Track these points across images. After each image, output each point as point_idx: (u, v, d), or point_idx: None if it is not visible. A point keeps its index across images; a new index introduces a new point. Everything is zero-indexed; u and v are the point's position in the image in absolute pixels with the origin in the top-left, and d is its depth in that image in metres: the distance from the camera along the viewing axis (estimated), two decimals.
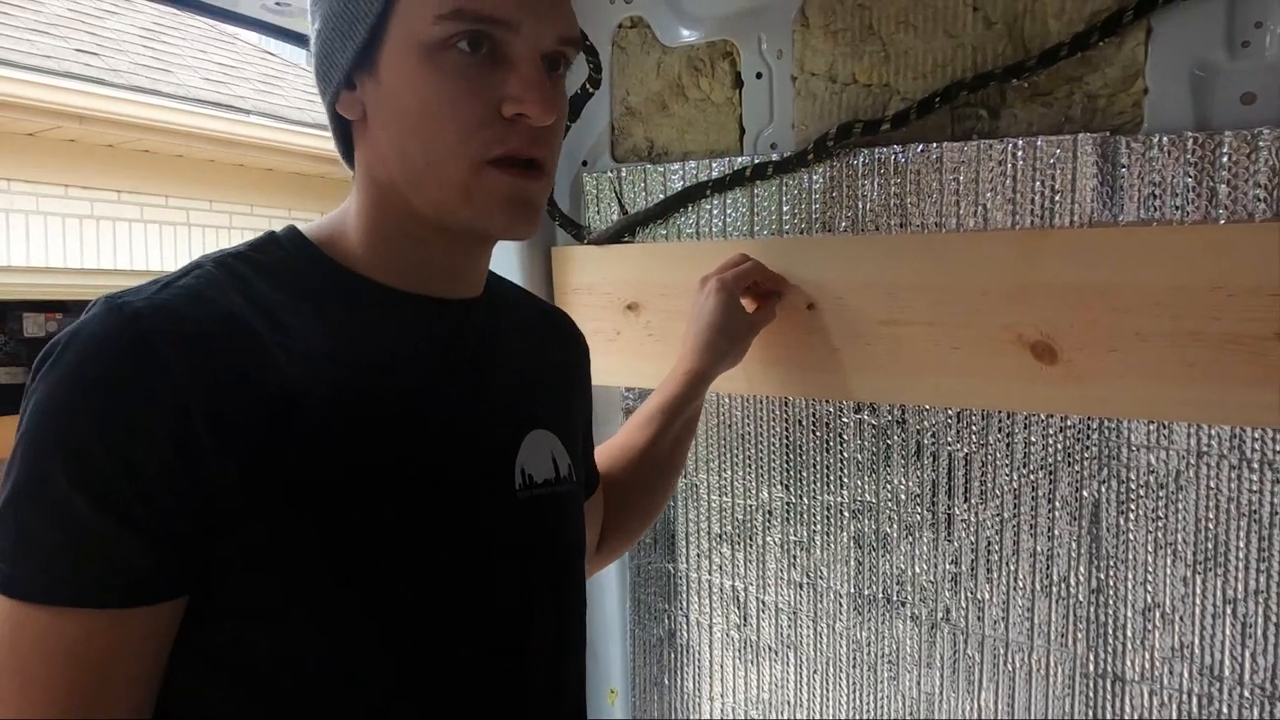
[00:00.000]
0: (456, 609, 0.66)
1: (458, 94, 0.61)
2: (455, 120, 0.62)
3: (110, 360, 0.56)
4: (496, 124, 0.62)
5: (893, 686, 1.18)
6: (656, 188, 1.22)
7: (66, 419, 0.55)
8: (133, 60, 4.96)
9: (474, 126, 0.62)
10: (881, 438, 1.14)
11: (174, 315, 0.57)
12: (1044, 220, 0.97)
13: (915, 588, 1.14)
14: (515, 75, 0.62)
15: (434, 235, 0.68)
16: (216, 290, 0.60)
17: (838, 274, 1.07)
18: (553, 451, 0.75)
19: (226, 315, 0.59)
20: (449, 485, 0.67)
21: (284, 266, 0.66)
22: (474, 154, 0.62)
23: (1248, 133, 0.86)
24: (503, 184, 0.63)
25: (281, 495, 0.58)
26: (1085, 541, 1.03)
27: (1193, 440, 0.96)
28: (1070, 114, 0.96)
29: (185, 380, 0.55)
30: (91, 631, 0.55)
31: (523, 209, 0.65)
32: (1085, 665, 1.05)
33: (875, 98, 1.06)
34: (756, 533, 1.25)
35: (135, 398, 0.55)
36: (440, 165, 0.63)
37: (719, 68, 1.16)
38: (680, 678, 1.35)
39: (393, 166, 0.65)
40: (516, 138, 0.63)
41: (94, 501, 0.54)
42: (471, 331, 0.72)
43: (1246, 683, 0.96)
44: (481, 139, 0.62)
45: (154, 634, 0.57)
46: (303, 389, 0.60)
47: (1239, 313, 0.86)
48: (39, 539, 0.55)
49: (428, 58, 0.61)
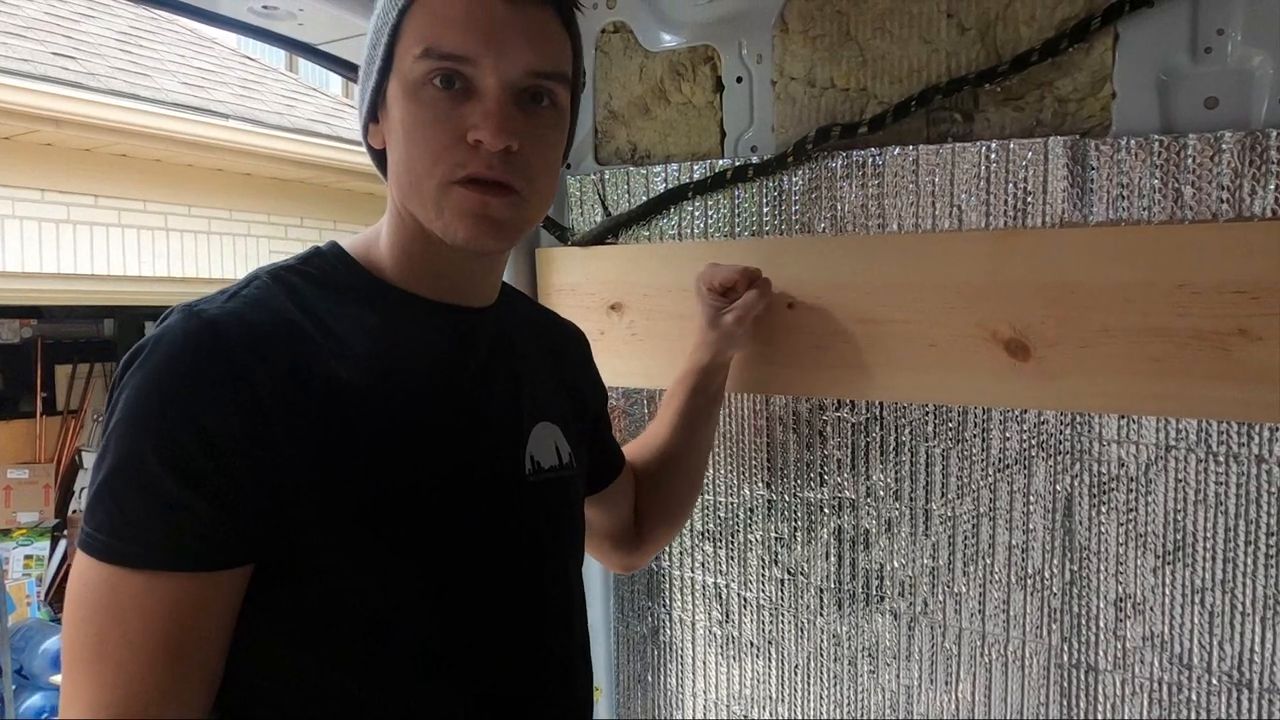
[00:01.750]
0: (486, 582, 0.76)
1: (430, 123, 0.70)
2: (427, 146, 0.71)
3: (191, 357, 0.64)
4: (460, 149, 0.71)
5: (872, 680, 1.20)
6: (639, 190, 1.24)
7: (157, 407, 0.63)
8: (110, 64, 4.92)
9: (440, 151, 0.70)
10: (860, 435, 1.16)
11: (243, 320, 0.67)
12: (1017, 220, 0.99)
13: (894, 582, 1.16)
14: (479, 105, 0.70)
15: (443, 249, 0.76)
16: (274, 299, 0.70)
17: (817, 274, 1.10)
18: (556, 441, 0.85)
19: (285, 320, 0.69)
20: (479, 476, 0.76)
21: (328, 277, 0.75)
22: (442, 175, 0.71)
23: (1211, 136, 0.89)
24: (465, 200, 0.72)
25: (338, 483, 0.67)
26: (1059, 535, 1.05)
27: (1162, 434, 0.99)
28: (1041, 117, 0.98)
29: (256, 373, 0.65)
30: (181, 591, 0.63)
31: (484, 223, 0.72)
32: (1060, 656, 1.07)
33: (853, 102, 1.08)
34: (738, 530, 1.27)
35: (215, 388, 0.64)
36: (419, 185, 0.72)
37: (700, 72, 1.18)
38: (664, 675, 1.36)
39: (398, 186, 0.75)
40: (478, 161, 0.71)
41: (182, 478, 0.62)
42: (486, 335, 0.82)
43: (1214, 670, 0.99)
44: (448, 162, 0.71)
45: (232, 594, 0.66)
46: (352, 383, 0.69)
47: (1203, 309, 0.89)
48: (135, 513, 0.63)
49: (411, 93, 0.71)
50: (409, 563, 0.71)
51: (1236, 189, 0.89)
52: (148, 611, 0.62)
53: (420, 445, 0.72)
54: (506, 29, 0.70)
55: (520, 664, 0.78)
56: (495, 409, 0.80)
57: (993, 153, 1.00)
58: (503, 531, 0.78)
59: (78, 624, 0.63)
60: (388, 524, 0.70)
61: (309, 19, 1.13)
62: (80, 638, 0.63)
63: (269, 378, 0.65)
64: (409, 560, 0.71)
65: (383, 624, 0.70)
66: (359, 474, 0.68)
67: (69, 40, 4.94)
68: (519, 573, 0.79)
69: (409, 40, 0.70)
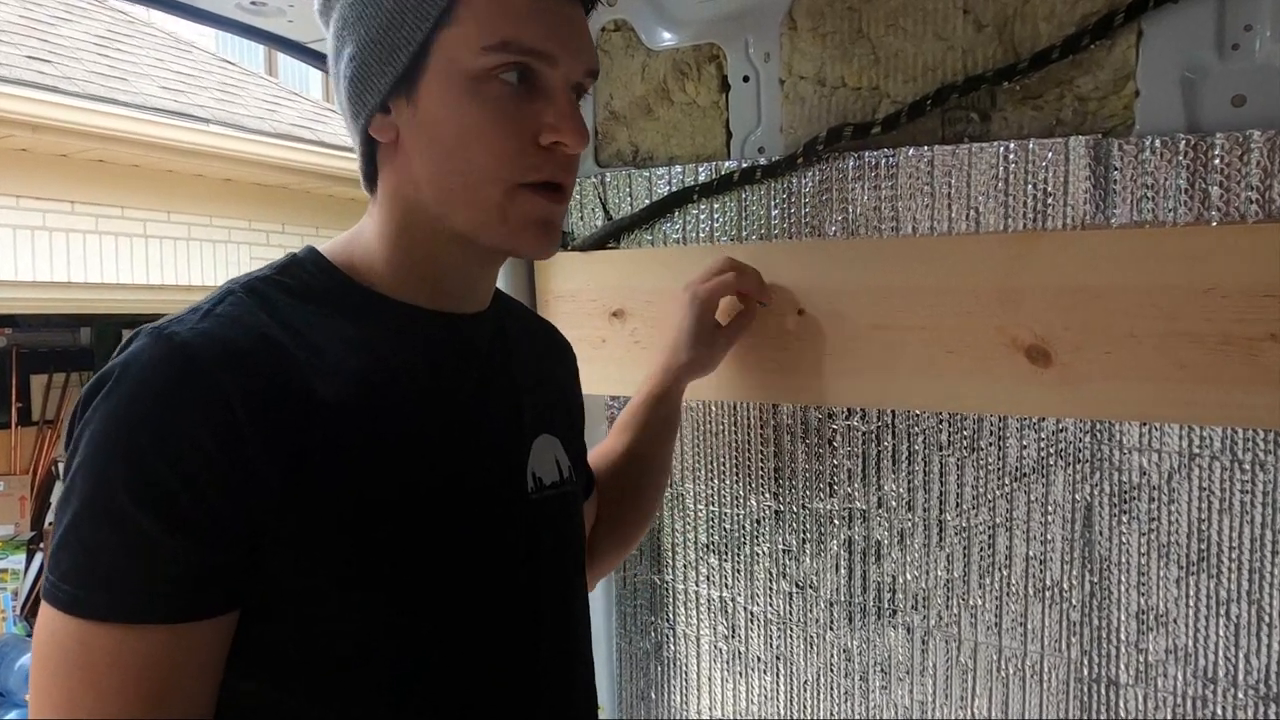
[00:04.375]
0: (478, 602, 0.71)
1: (498, 123, 0.65)
2: (494, 147, 0.66)
3: (164, 384, 0.59)
4: (532, 152, 0.67)
5: (884, 696, 1.16)
6: (641, 193, 1.20)
7: (127, 441, 0.57)
8: (87, 68, 4.84)
9: (512, 154, 0.66)
10: (872, 443, 1.12)
11: (219, 341, 0.61)
12: (1036, 223, 0.97)
13: (907, 595, 1.13)
14: (552, 106, 0.66)
15: (455, 253, 0.72)
16: (251, 315, 0.64)
17: (828, 279, 1.06)
18: (556, 455, 0.80)
19: (262, 337, 0.63)
20: (470, 489, 0.71)
21: (309, 287, 0.69)
22: (510, 179, 0.67)
23: (1239, 134, 0.86)
24: (537, 206, 0.68)
25: (318, 500, 0.61)
26: (1078, 545, 1.03)
27: (1185, 442, 0.96)
28: (1061, 117, 0.96)
29: (234, 398, 0.59)
30: (159, 645, 0.57)
31: (550, 230, 0.70)
32: (1079, 670, 1.04)
33: (865, 101, 1.05)
34: (745, 542, 1.23)
35: (193, 417, 0.58)
36: (478, 188, 0.67)
37: (705, 71, 1.15)
38: (668, 691, 1.33)
39: (424, 188, 0.68)
40: (552, 165, 0.68)
41: (159, 517, 0.57)
42: (483, 343, 0.77)
43: (1240, 684, 0.96)
44: (519, 166, 0.66)
45: (216, 643, 0.60)
46: (336, 402, 0.63)
47: (1232, 314, 0.86)
48: (105, 559, 0.57)
49: (471, 87, 0.65)
50: (398, 593, 0.66)
51: (1266, 189, 0.86)
52: (123, 668, 0.57)
53: (413, 466, 0.67)
54: (572, 25, 0.67)
55: (516, 691, 0.74)
56: (495, 423, 0.75)
57: (1011, 153, 0.97)
58: (504, 554, 0.73)
59: (46, 682, 0.57)
60: (377, 552, 0.64)
61: (300, 15, 1.08)
62: (49, 698, 0.57)
63: (249, 402, 0.59)
64: (398, 590, 0.66)
65: (370, 657, 0.65)
66: (348, 501, 0.63)
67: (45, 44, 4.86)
68: (517, 597, 0.74)
69: (468, 28, 0.64)
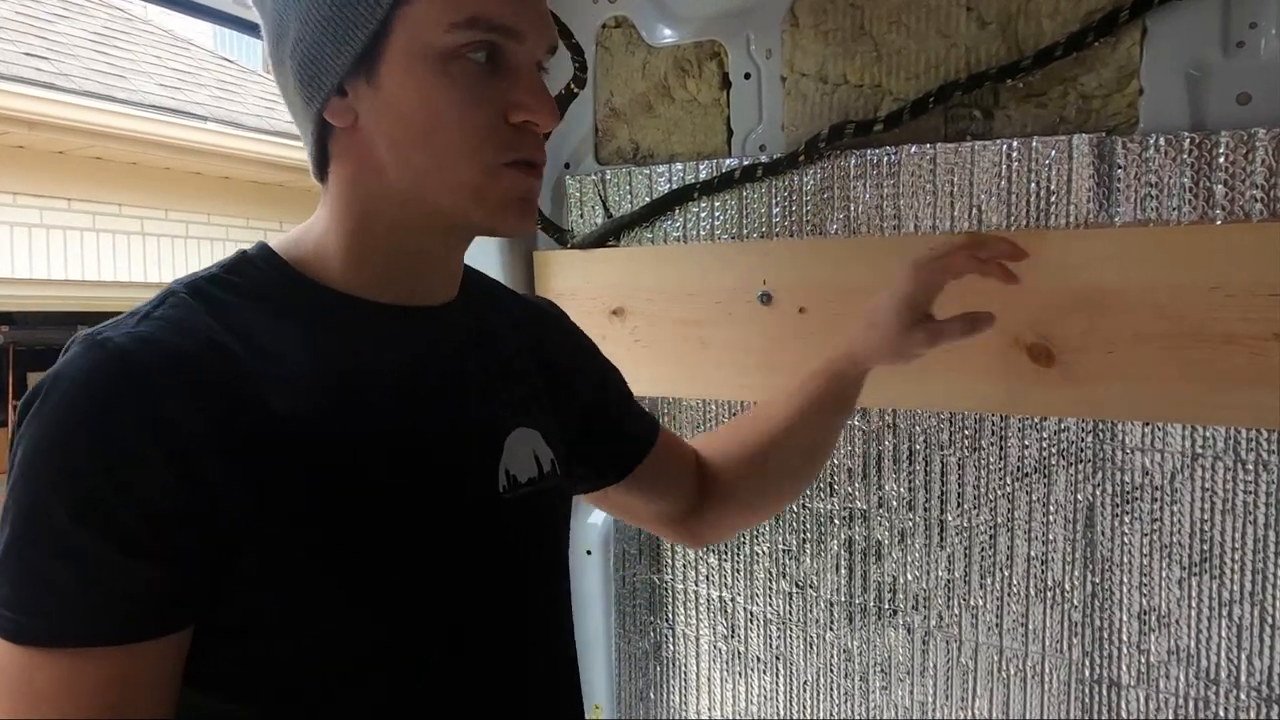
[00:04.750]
0: (454, 610, 0.67)
1: (470, 103, 0.62)
2: (468, 128, 0.62)
3: (101, 395, 0.55)
4: (504, 131, 0.63)
5: (885, 697, 1.16)
6: (642, 190, 1.19)
7: (62, 457, 0.54)
8: (85, 65, 4.83)
9: (484, 134, 0.63)
10: (873, 443, 1.12)
11: (158, 346, 0.58)
12: (1039, 221, 0.96)
13: (907, 595, 1.13)
14: (520, 84, 0.63)
15: (421, 241, 0.68)
16: (193, 317, 0.61)
17: (830, 277, 1.06)
18: (534, 449, 0.75)
19: (208, 342, 0.59)
20: (437, 493, 0.67)
21: (258, 286, 0.65)
22: (485, 159, 0.63)
23: (1244, 133, 0.86)
24: (517, 182, 0.64)
25: (279, 514, 0.58)
26: (1080, 545, 1.02)
27: (1188, 442, 0.95)
28: (1065, 114, 0.95)
29: (179, 407, 0.56)
30: (107, 667, 0.54)
31: (529, 207, 0.67)
32: (1081, 671, 1.04)
33: (867, 98, 1.04)
34: (744, 541, 1.23)
35: (133, 428, 0.55)
36: (451, 171, 0.63)
37: (706, 68, 1.14)
38: (667, 691, 1.32)
39: (391, 174, 0.65)
40: (525, 144, 0.64)
41: (101, 534, 0.54)
42: (449, 336, 0.73)
43: (1243, 685, 0.96)
44: (494, 146, 0.63)
45: (169, 659, 0.57)
46: (290, 409, 0.60)
47: (1237, 313, 0.86)
48: (45, 582, 0.54)
49: (438, 66, 0.61)
50: (365, 609, 0.62)
51: (1271, 187, 0.86)
52: (73, 694, 0.54)
53: (376, 474, 0.63)
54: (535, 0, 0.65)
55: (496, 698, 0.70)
56: (464, 422, 0.71)
57: (1014, 151, 0.96)
58: (475, 561, 0.69)
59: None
60: (342, 566, 0.61)
61: None
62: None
63: (193, 411, 0.56)
64: (365, 606, 0.62)
65: (336, 672, 0.62)
66: (304, 519, 0.59)
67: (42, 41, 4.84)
68: (495, 605, 0.70)
69: (432, 5, 0.61)
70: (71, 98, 4.36)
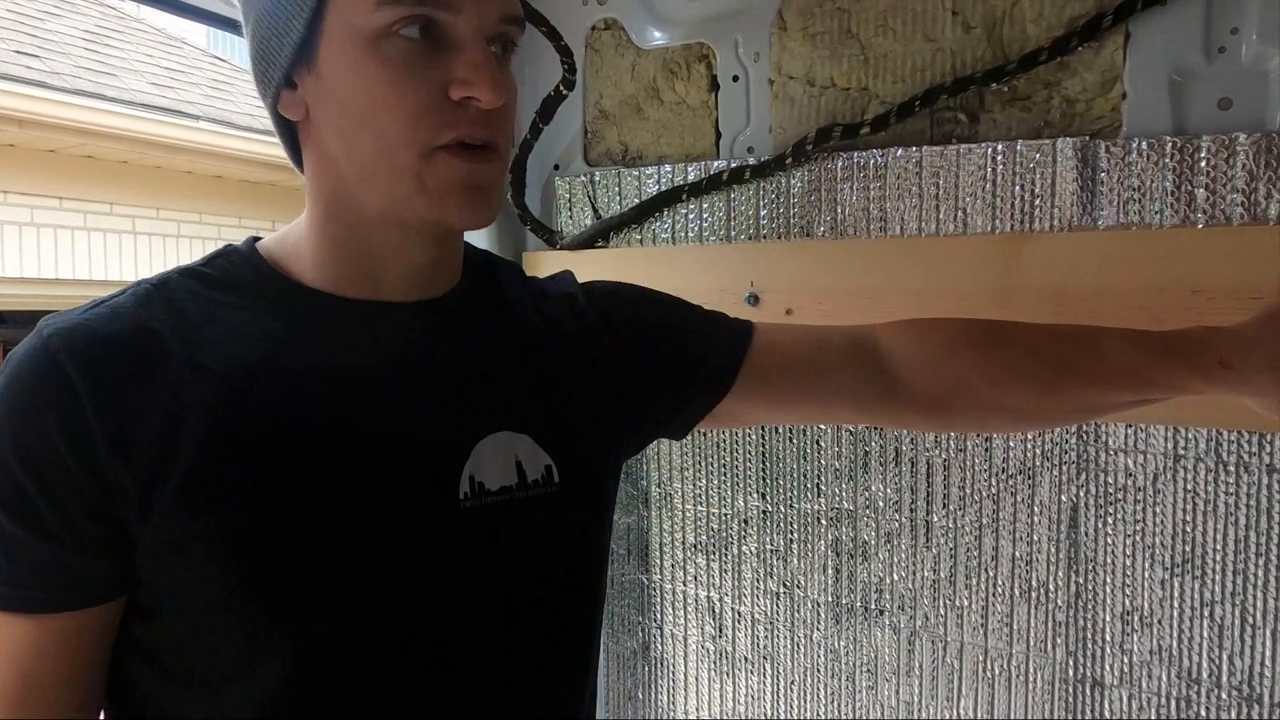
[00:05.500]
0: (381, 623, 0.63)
1: (403, 81, 0.60)
2: (402, 108, 0.60)
3: (26, 380, 0.59)
4: (445, 109, 0.61)
5: (871, 696, 1.17)
6: (631, 192, 1.20)
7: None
8: (76, 63, 4.81)
9: (422, 112, 0.60)
10: (860, 444, 1.13)
11: (87, 334, 0.59)
12: (1024, 225, 0.97)
13: (894, 596, 1.13)
14: (461, 58, 0.61)
15: (387, 236, 0.66)
16: (140, 307, 0.61)
17: (817, 279, 1.06)
18: (518, 455, 0.69)
19: (140, 330, 0.60)
20: (374, 496, 0.63)
21: (228, 277, 0.66)
22: (424, 140, 0.61)
23: (1225, 137, 0.87)
24: (456, 169, 0.61)
25: (183, 510, 0.59)
26: (1064, 546, 1.03)
27: (1170, 444, 0.96)
28: (1049, 118, 0.96)
29: (85, 395, 0.57)
30: (23, 634, 0.59)
31: (479, 195, 0.63)
32: (1065, 671, 1.04)
33: (854, 101, 1.05)
34: (732, 542, 1.23)
35: (45, 414, 0.58)
36: (391, 155, 0.61)
37: (695, 71, 1.15)
38: (654, 691, 1.32)
39: (342, 164, 0.63)
40: (467, 121, 0.61)
41: (12, 515, 0.57)
42: (425, 334, 0.69)
43: (1224, 685, 0.97)
44: (431, 125, 0.60)
45: (91, 632, 0.60)
46: (210, 402, 0.60)
47: (1218, 316, 0.86)
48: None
49: (370, 47, 0.60)
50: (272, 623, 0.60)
51: (1252, 192, 0.86)
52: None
53: (299, 475, 0.60)
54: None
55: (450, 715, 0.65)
56: (422, 425, 0.66)
57: (999, 154, 0.97)
58: (419, 570, 0.64)
59: None
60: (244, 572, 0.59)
61: None
62: None
63: (101, 399, 0.57)
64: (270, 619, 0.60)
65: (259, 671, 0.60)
66: (207, 510, 0.58)
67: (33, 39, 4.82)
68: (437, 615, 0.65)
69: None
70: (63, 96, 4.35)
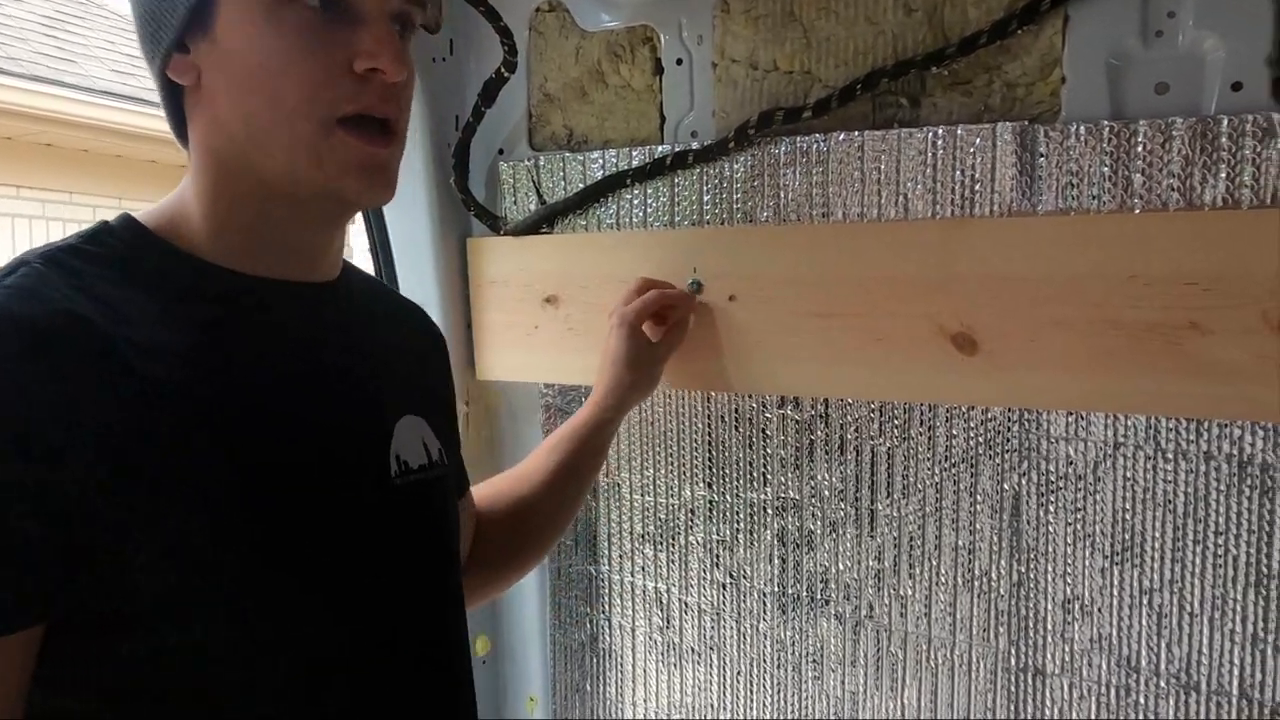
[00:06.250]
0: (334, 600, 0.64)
1: (304, 49, 0.59)
2: (302, 77, 0.59)
3: None
4: (347, 81, 0.60)
5: (817, 686, 1.16)
6: (576, 177, 1.18)
7: None
8: (34, 49, 4.72)
9: (323, 82, 0.59)
10: (805, 433, 1.12)
11: (8, 317, 0.53)
12: (964, 210, 0.96)
13: (839, 585, 1.13)
14: (365, 31, 0.60)
15: (284, 208, 0.64)
16: (48, 288, 0.56)
17: (759, 265, 1.05)
18: (423, 437, 0.73)
19: (65, 312, 0.54)
20: (322, 476, 0.64)
21: (121, 257, 0.61)
22: (323, 112, 0.60)
23: (1161, 122, 0.86)
24: (354, 150, 0.61)
25: (143, 500, 0.55)
26: (1006, 535, 1.02)
27: (1110, 431, 0.96)
28: (990, 102, 0.95)
29: (29, 385, 0.51)
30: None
31: (377, 174, 0.63)
32: (1007, 660, 1.04)
33: (797, 85, 1.03)
34: (679, 532, 1.22)
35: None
36: (288, 125, 0.60)
37: (639, 54, 1.13)
38: (602, 683, 1.31)
39: (235, 132, 0.62)
40: (370, 94, 0.61)
41: None
42: (335, 316, 0.69)
43: (1162, 673, 0.97)
44: (331, 96, 0.60)
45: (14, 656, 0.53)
46: (158, 387, 0.56)
47: (1154, 302, 0.86)
48: None
49: (270, 13, 0.58)
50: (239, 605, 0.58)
51: (1187, 177, 0.86)
52: None
53: (254, 458, 0.59)
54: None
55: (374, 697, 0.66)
56: (349, 402, 0.67)
57: (939, 139, 0.96)
58: (363, 547, 0.65)
59: None
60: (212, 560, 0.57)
61: None
62: None
63: (49, 389, 0.52)
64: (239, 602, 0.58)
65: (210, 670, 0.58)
66: (173, 505, 0.55)
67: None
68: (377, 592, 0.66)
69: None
70: (20, 82, 4.26)
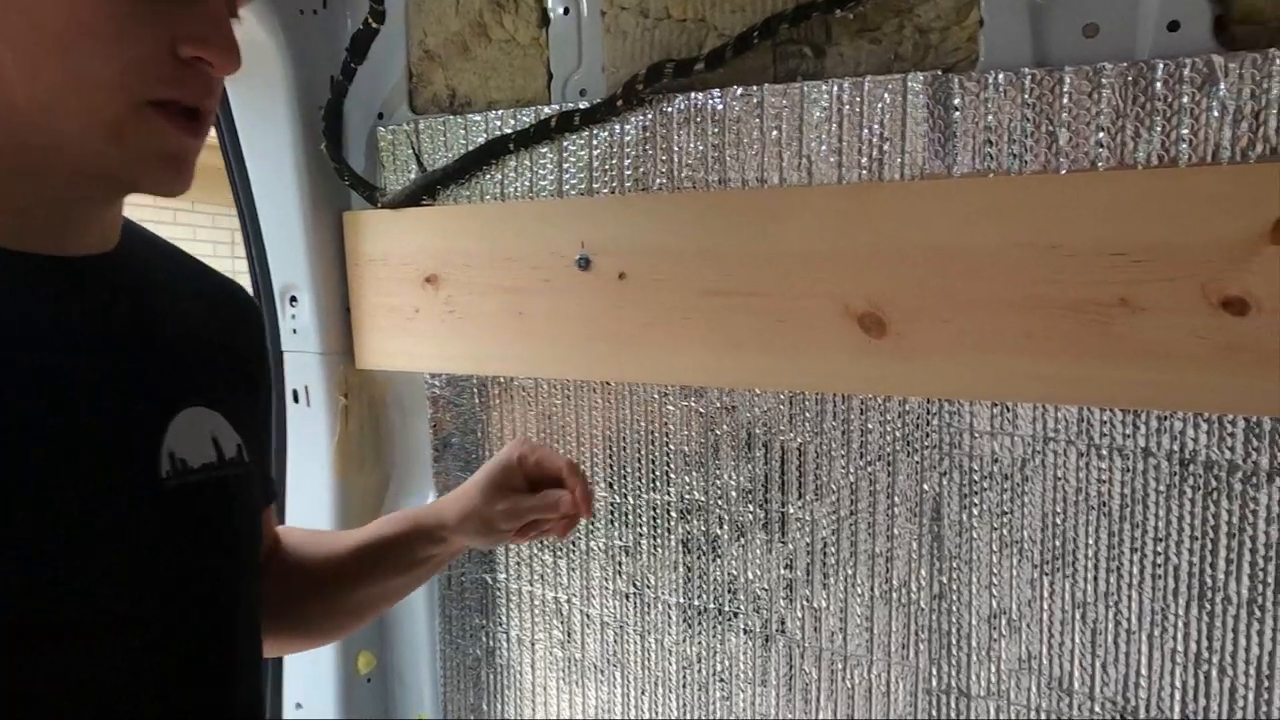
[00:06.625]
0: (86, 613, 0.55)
1: (123, 21, 0.53)
2: (118, 49, 0.53)
3: None
4: (167, 63, 0.54)
5: (725, 707, 1.05)
6: (458, 142, 1.06)
7: None
8: None
9: (141, 62, 0.53)
10: (710, 427, 1.00)
11: None
12: (872, 173, 0.84)
13: (748, 596, 1.01)
14: (198, 11, 0.54)
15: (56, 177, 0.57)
16: None
17: (652, 239, 0.93)
18: (214, 432, 0.64)
19: None
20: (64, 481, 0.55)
21: None
22: (135, 93, 0.54)
23: (1089, 69, 0.75)
24: (163, 137, 0.55)
25: None
26: (926, 540, 0.91)
27: (1039, 425, 0.85)
28: (900, 51, 0.83)
29: None
30: None
31: (183, 165, 0.57)
32: (928, 680, 0.93)
33: (690, 34, 0.92)
34: (579, 538, 1.11)
35: None
36: (89, 95, 0.53)
37: (524, 4, 1.01)
38: (500, 702, 1.19)
39: (16, 90, 0.54)
40: (191, 84, 0.55)
41: None
42: (103, 293, 0.61)
43: (1097, 696, 0.86)
44: (148, 78, 0.54)
45: None
46: None
47: (1080, 275, 0.75)
48: None
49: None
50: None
51: (1119, 131, 0.75)
52: None
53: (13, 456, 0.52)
54: None
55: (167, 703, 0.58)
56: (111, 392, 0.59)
57: (845, 93, 0.84)
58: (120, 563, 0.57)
59: None
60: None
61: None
62: None
63: None
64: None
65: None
66: None
67: None
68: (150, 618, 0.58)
69: None
70: None
